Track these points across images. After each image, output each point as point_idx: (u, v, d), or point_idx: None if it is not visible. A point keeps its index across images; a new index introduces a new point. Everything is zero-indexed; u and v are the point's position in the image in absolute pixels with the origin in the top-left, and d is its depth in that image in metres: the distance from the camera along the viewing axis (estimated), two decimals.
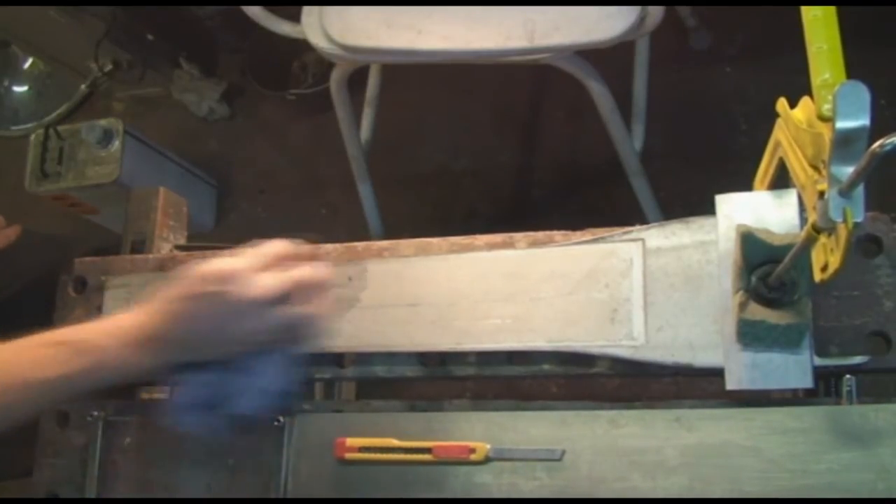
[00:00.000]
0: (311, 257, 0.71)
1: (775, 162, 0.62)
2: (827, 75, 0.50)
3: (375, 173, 1.62)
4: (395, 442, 0.69)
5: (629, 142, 1.36)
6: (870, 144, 0.43)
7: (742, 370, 0.63)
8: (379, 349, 0.74)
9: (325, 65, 1.67)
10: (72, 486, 0.79)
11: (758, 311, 0.61)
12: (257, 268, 0.66)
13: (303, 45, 1.26)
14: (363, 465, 0.69)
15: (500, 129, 1.86)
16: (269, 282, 0.65)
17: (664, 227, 0.69)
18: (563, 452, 0.65)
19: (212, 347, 0.67)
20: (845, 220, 0.46)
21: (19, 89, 2.36)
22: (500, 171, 1.83)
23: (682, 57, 1.73)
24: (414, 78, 1.77)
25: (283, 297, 0.66)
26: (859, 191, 0.45)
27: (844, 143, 0.45)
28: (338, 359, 0.77)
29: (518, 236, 0.75)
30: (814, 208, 0.49)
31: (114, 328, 0.66)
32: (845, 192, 0.46)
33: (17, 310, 1.08)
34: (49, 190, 1.78)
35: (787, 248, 0.58)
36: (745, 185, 0.68)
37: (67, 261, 0.88)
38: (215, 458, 0.75)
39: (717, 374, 0.64)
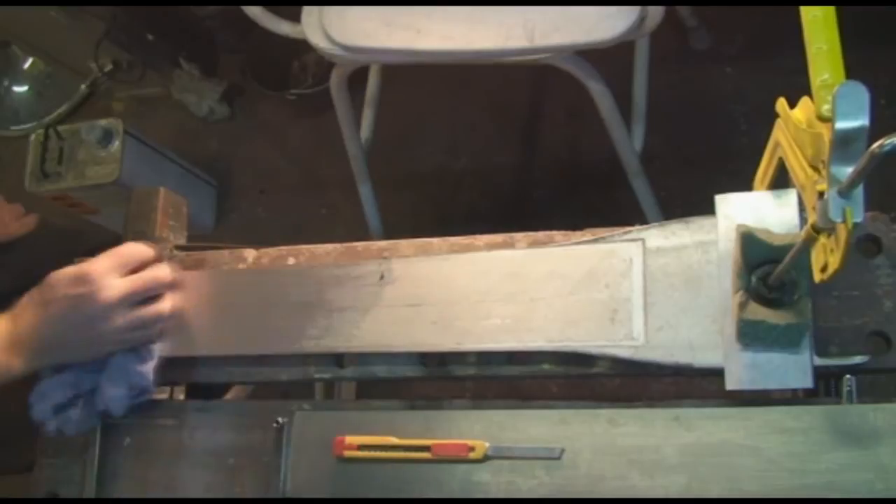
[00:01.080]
0: (159, 259, 0.76)
1: (775, 162, 0.62)
2: (826, 76, 0.50)
3: (375, 173, 1.62)
4: (394, 440, 0.69)
5: (629, 142, 1.36)
6: (869, 144, 0.43)
7: (742, 370, 0.63)
8: (379, 349, 0.74)
9: (325, 65, 1.66)
10: (72, 486, 0.79)
11: (758, 311, 0.61)
12: (110, 270, 0.70)
13: (303, 45, 1.26)
14: (362, 462, 0.69)
15: (500, 129, 1.86)
16: (121, 284, 0.70)
17: (664, 227, 0.69)
18: (563, 451, 0.65)
19: (76, 349, 0.71)
20: (845, 221, 0.46)
21: (19, 89, 2.36)
22: (500, 171, 1.83)
23: (682, 57, 1.73)
24: (414, 78, 1.77)
25: (137, 298, 0.71)
26: (859, 191, 0.46)
27: (844, 144, 0.45)
28: (338, 359, 0.77)
29: (518, 236, 0.75)
30: (813, 208, 0.49)
31: None
32: (845, 192, 0.46)
33: None
34: (49, 190, 1.78)
35: (787, 248, 0.58)
36: (745, 185, 0.68)
37: (81, 251, 0.89)
38: (215, 458, 0.75)
39: (717, 374, 0.64)
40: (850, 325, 0.64)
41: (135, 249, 0.74)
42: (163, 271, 0.75)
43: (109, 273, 0.70)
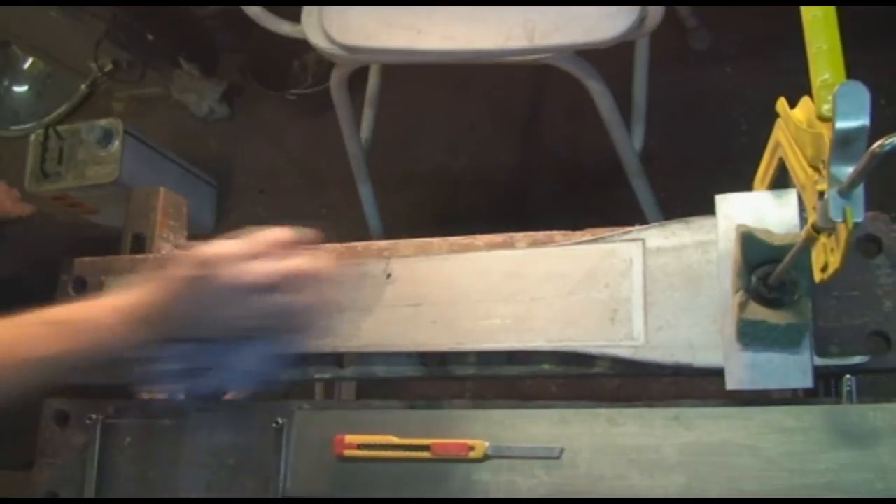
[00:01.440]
0: (311, 248, 0.71)
1: (775, 162, 0.62)
2: (827, 75, 0.50)
3: (375, 173, 1.62)
4: (394, 439, 0.69)
5: (629, 142, 1.36)
6: (870, 144, 0.43)
7: (742, 370, 0.63)
8: (379, 349, 0.74)
9: (325, 65, 1.66)
10: (72, 486, 0.79)
11: (758, 311, 0.61)
12: (251, 253, 0.67)
13: (303, 45, 1.26)
14: (362, 462, 0.69)
15: (500, 129, 1.86)
16: (259, 269, 0.66)
17: (664, 227, 0.69)
18: (562, 450, 0.65)
19: (201, 329, 0.68)
20: (845, 220, 0.46)
21: (19, 89, 2.36)
22: (500, 171, 1.83)
23: (682, 57, 1.73)
24: (414, 78, 1.77)
25: (274, 286, 0.66)
26: (859, 191, 0.45)
27: (844, 143, 0.45)
28: (338, 359, 0.77)
29: (518, 236, 0.75)
30: (814, 208, 0.49)
31: (110, 307, 0.67)
32: (845, 191, 0.46)
33: (34, 283, 1.09)
34: (49, 190, 1.78)
35: (787, 248, 0.58)
36: (745, 185, 0.68)
37: (82, 245, 0.88)
38: (215, 458, 0.75)
39: (717, 373, 0.64)
40: (850, 325, 0.64)
41: (275, 234, 0.69)
42: (305, 262, 0.68)
43: (237, 258, 0.66)
